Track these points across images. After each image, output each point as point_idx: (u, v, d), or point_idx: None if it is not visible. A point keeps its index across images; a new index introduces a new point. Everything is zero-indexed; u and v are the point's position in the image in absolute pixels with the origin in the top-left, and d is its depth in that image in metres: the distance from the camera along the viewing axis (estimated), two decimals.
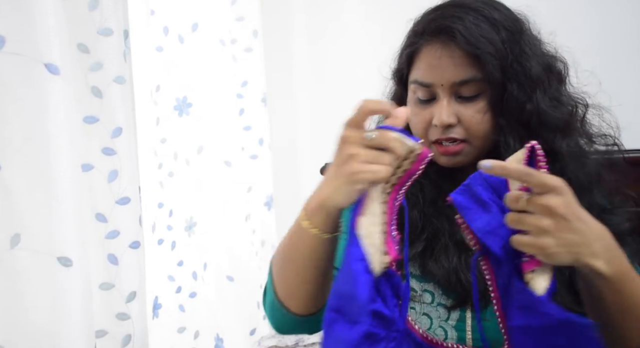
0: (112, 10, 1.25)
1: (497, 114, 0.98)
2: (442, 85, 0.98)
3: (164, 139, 1.78)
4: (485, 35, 0.96)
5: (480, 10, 0.99)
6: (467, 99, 0.98)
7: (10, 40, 1.11)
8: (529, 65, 0.99)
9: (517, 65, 0.98)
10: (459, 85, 0.97)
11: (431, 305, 0.99)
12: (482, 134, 0.99)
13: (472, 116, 0.98)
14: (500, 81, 0.97)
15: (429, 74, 0.99)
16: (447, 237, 1.00)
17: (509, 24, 0.99)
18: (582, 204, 0.95)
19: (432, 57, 0.98)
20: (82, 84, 1.24)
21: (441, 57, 0.97)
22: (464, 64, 0.97)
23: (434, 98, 1.00)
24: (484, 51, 0.95)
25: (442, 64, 0.97)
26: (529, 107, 0.97)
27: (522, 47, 0.99)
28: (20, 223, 1.13)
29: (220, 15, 1.93)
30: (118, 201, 1.28)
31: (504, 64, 0.96)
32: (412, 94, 1.03)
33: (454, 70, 0.97)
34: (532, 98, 0.98)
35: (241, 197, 1.97)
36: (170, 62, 1.79)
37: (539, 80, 0.99)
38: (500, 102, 0.98)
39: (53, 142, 1.14)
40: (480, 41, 0.96)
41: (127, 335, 1.30)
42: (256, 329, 2.01)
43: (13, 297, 1.13)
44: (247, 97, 2.06)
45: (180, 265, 1.82)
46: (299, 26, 2.15)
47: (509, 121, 0.98)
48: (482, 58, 0.95)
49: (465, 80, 0.97)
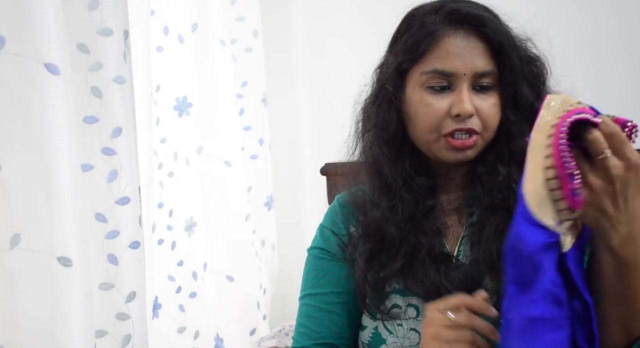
0: (112, 10, 1.25)
1: (507, 108, 0.99)
2: (464, 74, 0.97)
3: (164, 139, 1.78)
4: (506, 29, 0.99)
5: (486, 9, 1.00)
6: (483, 91, 0.98)
7: (10, 40, 1.11)
8: (535, 64, 1.01)
9: (527, 63, 1.00)
10: (479, 76, 0.97)
11: (417, 320, 0.99)
12: (494, 126, 0.99)
13: (489, 108, 0.98)
14: (516, 76, 0.98)
15: (452, 62, 0.97)
16: (425, 252, 0.99)
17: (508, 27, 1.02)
18: None
19: (455, 46, 0.97)
20: (82, 84, 1.24)
21: (467, 46, 0.97)
22: (486, 54, 0.97)
23: (448, 87, 0.98)
24: (509, 43, 0.97)
25: (467, 53, 0.97)
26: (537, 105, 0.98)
27: (527, 47, 1.02)
28: (20, 223, 1.13)
29: (220, 15, 1.93)
30: (118, 201, 1.28)
31: (521, 59, 0.98)
32: (422, 83, 0.99)
33: (478, 60, 0.97)
34: (539, 96, 0.99)
35: (241, 197, 1.97)
36: (170, 62, 1.78)
37: (544, 79, 1.02)
38: (513, 97, 0.99)
39: (53, 142, 1.13)
40: (505, 33, 0.98)
41: (127, 335, 1.30)
42: (256, 329, 2.01)
43: (13, 297, 1.13)
44: (247, 97, 2.06)
45: (180, 265, 1.82)
46: (299, 26, 2.15)
47: (519, 116, 0.99)
48: (507, 50, 0.97)
49: (487, 72, 0.97)
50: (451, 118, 0.97)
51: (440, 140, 0.98)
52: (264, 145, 2.11)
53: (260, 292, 2.03)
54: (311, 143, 2.15)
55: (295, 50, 2.16)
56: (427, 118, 0.99)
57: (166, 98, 1.79)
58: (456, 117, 0.97)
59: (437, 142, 0.99)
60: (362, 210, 1.06)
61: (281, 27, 2.16)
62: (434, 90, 0.98)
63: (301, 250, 2.16)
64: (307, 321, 1.07)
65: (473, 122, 0.97)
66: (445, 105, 0.98)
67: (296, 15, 2.15)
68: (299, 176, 2.18)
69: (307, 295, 1.10)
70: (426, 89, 0.99)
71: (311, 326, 1.05)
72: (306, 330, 1.06)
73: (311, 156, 2.13)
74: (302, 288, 1.12)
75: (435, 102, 0.98)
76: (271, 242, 2.13)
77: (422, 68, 0.99)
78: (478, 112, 0.97)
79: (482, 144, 0.99)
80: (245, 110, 2.06)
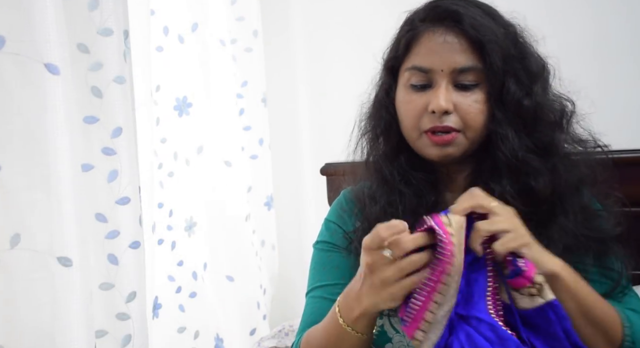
0: (112, 10, 1.25)
1: (493, 106, 0.98)
2: (442, 70, 0.97)
3: (164, 139, 1.78)
4: (489, 26, 0.97)
5: (480, 6, 1.00)
6: (465, 88, 0.98)
7: (10, 40, 1.11)
8: (528, 62, 1.00)
9: (517, 60, 0.98)
10: (458, 73, 0.97)
11: None
12: (477, 125, 0.98)
13: (469, 105, 0.97)
14: (500, 73, 0.97)
15: (429, 58, 0.98)
16: None
17: (506, 23, 1.01)
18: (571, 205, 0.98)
19: (433, 42, 0.98)
20: (82, 84, 1.24)
21: (444, 42, 0.97)
22: (467, 50, 0.97)
23: (430, 85, 0.99)
24: (490, 39, 0.96)
25: (445, 49, 0.97)
26: (526, 102, 0.98)
27: (521, 45, 1.01)
28: (20, 223, 1.13)
29: (220, 15, 1.93)
30: (118, 201, 1.28)
31: (505, 56, 0.97)
32: (406, 81, 1.01)
33: (456, 56, 0.97)
34: (530, 93, 0.98)
35: (241, 197, 1.97)
36: (170, 62, 1.79)
37: (537, 77, 1.00)
38: (499, 94, 0.97)
39: (53, 142, 1.13)
40: (486, 29, 0.97)
41: (127, 335, 1.30)
42: (256, 329, 2.01)
43: (13, 297, 1.13)
44: (247, 97, 2.06)
45: (180, 265, 1.82)
46: (299, 26, 2.15)
47: (506, 114, 0.97)
48: (487, 46, 0.96)
49: (466, 68, 0.97)
50: (429, 115, 0.98)
51: (423, 137, 1.00)
52: (264, 145, 2.11)
53: (260, 292, 2.03)
54: (311, 143, 2.15)
55: (295, 50, 2.16)
56: (408, 115, 1.01)
57: (166, 98, 1.79)
58: (432, 114, 0.97)
59: (420, 138, 1.00)
60: (362, 205, 1.07)
61: (281, 27, 2.16)
62: (416, 88, 1.00)
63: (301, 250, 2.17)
64: (314, 312, 1.06)
65: (451, 119, 0.97)
66: (424, 102, 0.98)
67: (296, 15, 2.15)
68: (299, 176, 2.18)
69: (315, 288, 1.10)
70: (409, 87, 1.01)
71: (317, 318, 1.02)
72: (312, 322, 1.04)
73: (311, 156, 2.13)
74: (308, 284, 1.12)
75: (415, 99, 1.00)
76: (271, 242, 2.13)
77: (406, 65, 1.01)
78: (457, 108, 0.97)
79: (465, 142, 0.99)
80: (245, 110, 2.06)
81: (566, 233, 0.96)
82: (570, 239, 0.96)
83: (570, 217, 0.98)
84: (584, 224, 0.98)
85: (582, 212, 0.99)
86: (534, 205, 0.96)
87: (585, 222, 0.98)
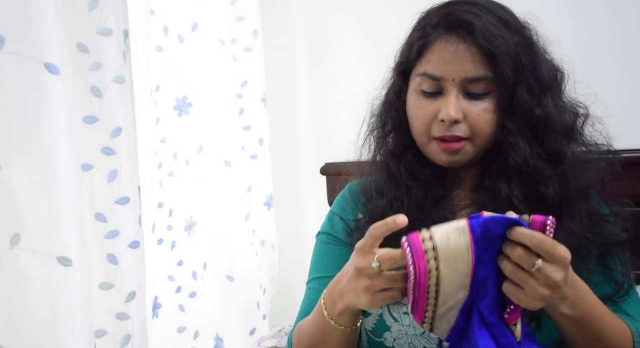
0: (112, 10, 1.25)
1: (503, 115, 0.98)
2: (453, 80, 0.97)
3: (164, 139, 1.78)
4: (502, 36, 0.97)
5: (494, 11, 0.99)
6: (475, 97, 0.98)
7: (10, 40, 1.10)
8: (540, 70, 1.00)
9: (529, 70, 0.98)
10: (469, 82, 0.97)
11: None
12: (487, 134, 0.99)
13: (478, 115, 0.98)
14: (511, 83, 0.97)
15: (441, 67, 0.98)
16: None
17: (520, 29, 1.00)
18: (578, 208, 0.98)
19: (446, 51, 0.98)
20: (82, 84, 1.24)
21: (456, 51, 0.97)
22: (478, 61, 0.97)
23: (440, 92, 0.99)
24: (502, 51, 0.96)
25: (456, 59, 0.97)
26: (537, 112, 0.98)
27: (533, 53, 1.00)
28: (20, 223, 1.13)
29: (220, 15, 1.93)
30: (118, 201, 1.28)
31: (517, 66, 0.97)
32: (417, 86, 1.02)
33: (468, 66, 0.97)
34: (541, 103, 0.98)
35: (241, 197, 1.97)
36: (170, 62, 1.79)
37: (548, 87, 1.00)
38: (509, 104, 0.98)
39: (53, 142, 1.13)
40: (499, 40, 0.96)
41: (127, 335, 1.30)
42: (256, 329, 2.01)
43: (13, 297, 1.13)
44: (247, 97, 2.06)
45: (180, 265, 1.82)
46: (299, 26, 2.15)
47: (516, 124, 0.98)
48: (499, 57, 0.96)
49: (477, 78, 0.97)
50: (439, 123, 0.99)
51: (432, 143, 1.01)
52: (264, 145, 2.11)
53: (260, 292, 2.03)
54: (311, 143, 2.15)
55: (295, 50, 2.16)
56: (419, 121, 1.02)
57: (166, 98, 1.79)
58: (442, 122, 0.98)
59: (430, 144, 1.01)
60: (369, 197, 1.08)
61: (281, 27, 2.16)
62: (427, 95, 1.00)
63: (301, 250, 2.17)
64: (310, 304, 1.07)
65: (460, 128, 0.98)
66: (434, 109, 0.99)
67: (296, 15, 2.15)
68: (299, 176, 2.18)
69: (314, 279, 1.11)
70: (420, 93, 1.01)
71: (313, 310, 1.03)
72: (308, 313, 1.04)
73: (311, 156, 2.13)
74: (309, 273, 1.14)
75: (426, 106, 1.00)
76: (271, 242, 2.13)
77: (417, 70, 1.02)
78: (467, 117, 0.98)
79: (473, 150, 1.00)
80: (245, 110, 2.06)
81: (571, 236, 0.95)
82: (575, 242, 0.95)
83: (576, 220, 0.97)
84: (589, 228, 0.98)
85: (588, 216, 0.99)
86: (540, 210, 0.96)
87: (591, 227, 0.98)
